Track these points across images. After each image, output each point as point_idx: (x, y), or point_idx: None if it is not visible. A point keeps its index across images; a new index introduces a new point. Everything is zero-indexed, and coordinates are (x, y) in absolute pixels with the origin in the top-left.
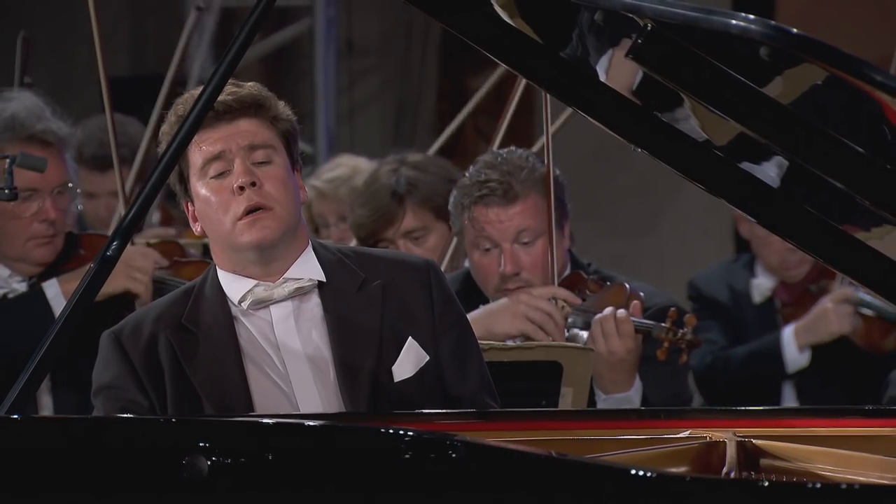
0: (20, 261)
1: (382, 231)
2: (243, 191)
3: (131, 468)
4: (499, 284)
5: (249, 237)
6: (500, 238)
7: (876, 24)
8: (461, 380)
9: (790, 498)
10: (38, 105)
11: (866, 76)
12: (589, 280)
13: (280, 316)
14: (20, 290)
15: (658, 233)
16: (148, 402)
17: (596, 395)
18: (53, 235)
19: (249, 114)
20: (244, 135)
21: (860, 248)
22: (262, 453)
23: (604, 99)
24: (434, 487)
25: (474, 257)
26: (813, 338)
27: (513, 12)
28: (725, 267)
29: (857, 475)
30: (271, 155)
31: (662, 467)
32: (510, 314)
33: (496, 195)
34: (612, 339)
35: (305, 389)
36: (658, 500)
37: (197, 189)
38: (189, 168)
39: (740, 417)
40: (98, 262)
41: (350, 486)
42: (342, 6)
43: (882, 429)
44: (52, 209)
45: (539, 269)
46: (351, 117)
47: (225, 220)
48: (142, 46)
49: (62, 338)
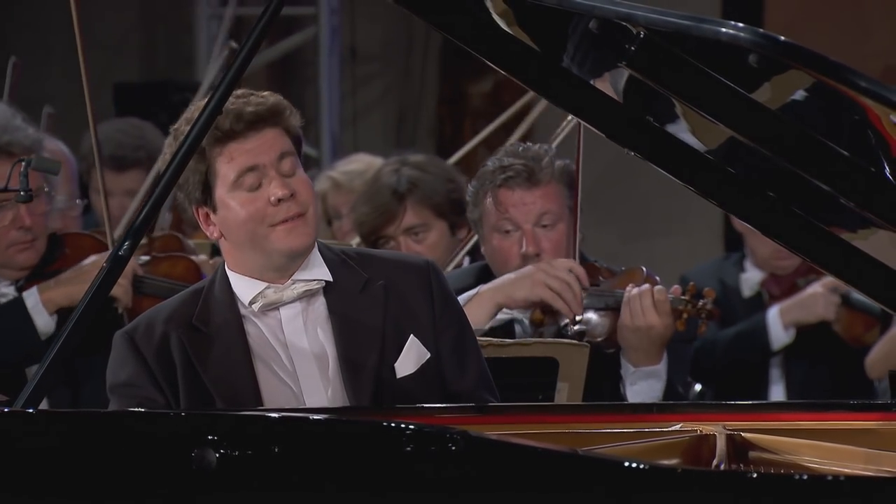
0: (4, 267)
1: (384, 228)
2: (280, 202)
3: (143, 460)
4: (519, 266)
5: (288, 244)
6: (522, 220)
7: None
8: (460, 375)
9: (778, 489)
10: (4, 116)
11: (851, 82)
12: (602, 269)
13: (289, 316)
14: (8, 293)
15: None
16: (164, 399)
17: (623, 368)
18: (33, 240)
19: (272, 123)
20: (273, 145)
21: (845, 248)
22: (269, 446)
23: (597, 104)
24: (434, 478)
25: (494, 241)
26: (798, 316)
27: (510, 20)
28: (716, 264)
29: (842, 467)
30: (295, 163)
31: (654, 459)
32: (531, 281)
33: (521, 177)
34: (650, 313)
35: (312, 386)
36: (650, 491)
37: (226, 199)
38: (217, 179)
39: (729, 411)
40: (110, 260)
41: (353, 477)
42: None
43: (866, 422)
44: (26, 216)
45: (558, 253)
46: (354, 121)
47: (260, 228)
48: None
49: (77, 333)
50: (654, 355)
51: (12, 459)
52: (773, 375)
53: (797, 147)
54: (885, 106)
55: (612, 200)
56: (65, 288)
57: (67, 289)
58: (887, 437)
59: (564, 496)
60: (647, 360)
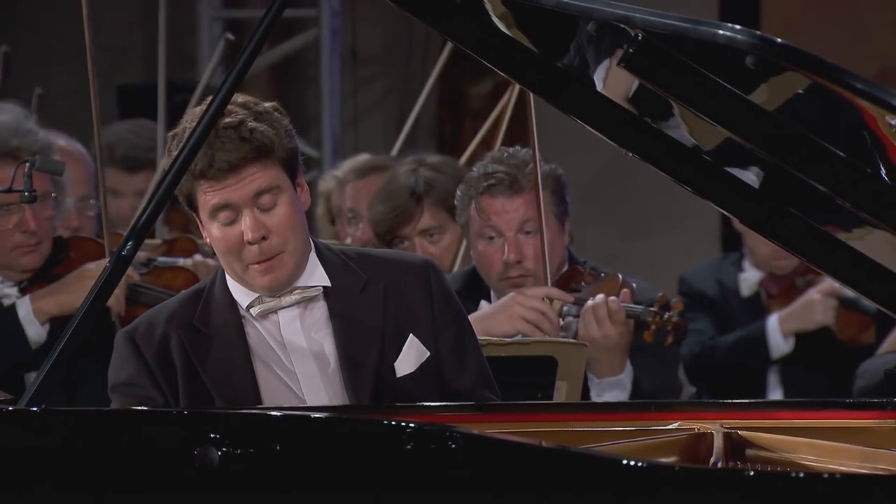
0: (7, 268)
1: (400, 228)
2: (253, 244)
3: (146, 458)
4: (502, 272)
5: (262, 282)
6: (504, 227)
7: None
8: (460, 374)
9: (775, 486)
10: (15, 120)
11: (847, 84)
12: (585, 273)
13: (287, 319)
14: (12, 294)
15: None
16: (163, 398)
17: (589, 380)
18: (37, 244)
19: (253, 162)
20: (249, 185)
21: (841, 247)
22: (270, 444)
23: (596, 105)
24: (434, 476)
25: (479, 247)
26: (797, 325)
27: (509, 23)
28: (715, 263)
29: (837, 465)
30: (276, 196)
31: (653, 458)
32: (507, 315)
33: (503, 185)
34: (605, 325)
35: (312, 386)
36: (649, 488)
37: (208, 227)
38: (199, 206)
39: (727, 410)
40: (113, 261)
41: (354, 475)
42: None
43: (861, 421)
44: (31, 220)
45: (540, 259)
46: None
47: (236, 263)
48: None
49: (81, 331)
50: (615, 366)
51: (16, 457)
52: (771, 381)
53: (794, 148)
54: (881, 107)
55: (611, 200)
56: (56, 297)
57: (59, 298)
58: (882, 435)
59: (563, 494)
60: (609, 370)
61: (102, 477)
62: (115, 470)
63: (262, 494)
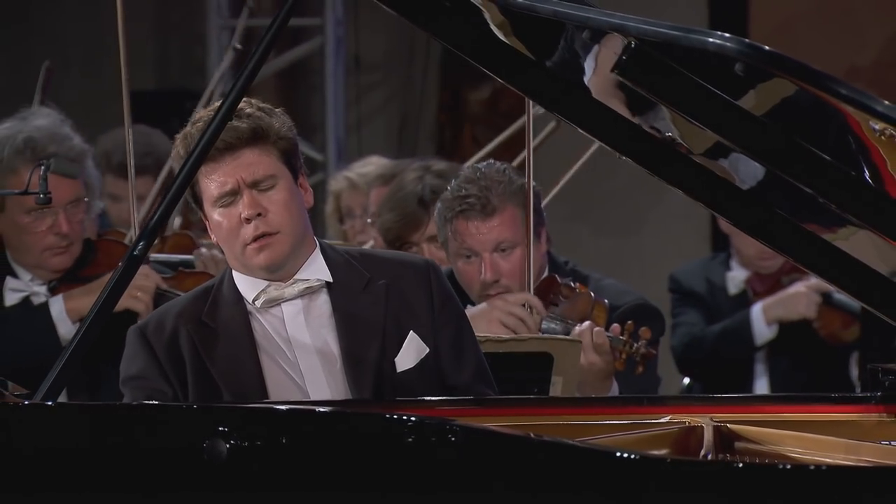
0: (38, 268)
1: (408, 235)
2: (250, 221)
3: (156, 450)
4: (480, 290)
5: (258, 261)
6: (480, 248)
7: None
8: (458, 370)
9: (763, 478)
10: (54, 125)
11: (832, 90)
12: (562, 285)
13: (291, 313)
14: (41, 292)
15: (641, 233)
16: (172, 391)
17: None
18: (69, 245)
19: (251, 144)
20: (247, 168)
21: (827, 248)
22: (277, 437)
23: (591, 111)
24: (435, 469)
25: (458, 265)
26: (780, 314)
27: (507, 31)
28: (703, 263)
29: (824, 457)
30: (275, 180)
31: (645, 450)
32: (486, 320)
33: (475, 210)
34: (590, 353)
35: (315, 379)
36: (641, 480)
37: (210, 214)
38: (202, 194)
39: (716, 404)
40: (125, 260)
41: (357, 467)
42: (350, 26)
43: (847, 414)
44: (64, 223)
45: (518, 276)
46: (358, 128)
47: (236, 244)
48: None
49: (94, 328)
50: (601, 389)
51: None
52: (758, 370)
53: (781, 151)
54: (865, 113)
55: (601, 200)
56: (89, 298)
57: (92, 298)
58: (866, 428)
59: (559, 485)
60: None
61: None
62: (126, 461)
63: (269, 485)
